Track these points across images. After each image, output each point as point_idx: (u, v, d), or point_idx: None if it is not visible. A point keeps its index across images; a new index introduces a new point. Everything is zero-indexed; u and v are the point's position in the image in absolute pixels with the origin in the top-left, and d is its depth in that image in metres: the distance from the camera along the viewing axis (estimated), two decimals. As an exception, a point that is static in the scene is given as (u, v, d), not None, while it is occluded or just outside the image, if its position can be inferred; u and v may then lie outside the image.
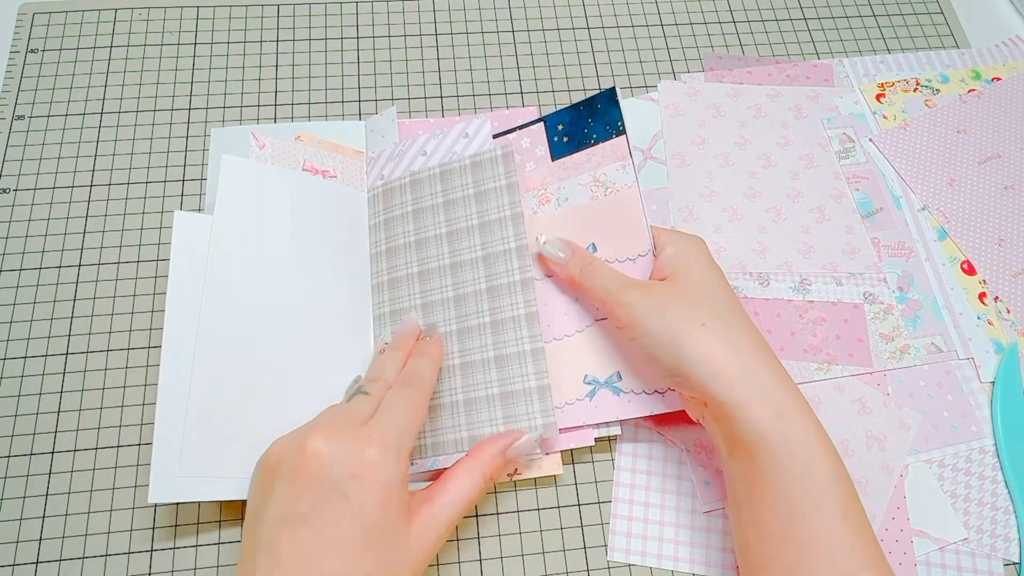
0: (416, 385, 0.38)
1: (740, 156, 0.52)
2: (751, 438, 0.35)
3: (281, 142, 0.49)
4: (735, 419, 0.35)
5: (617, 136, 0.45)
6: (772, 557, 0.34)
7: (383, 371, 0.39)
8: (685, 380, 0.37)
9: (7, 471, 0.42)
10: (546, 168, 0.47)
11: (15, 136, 0.50)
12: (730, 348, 0.36)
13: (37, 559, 0.40)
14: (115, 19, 0.55)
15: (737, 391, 0.35)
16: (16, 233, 0.48)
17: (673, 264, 0.40)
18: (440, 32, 0.57)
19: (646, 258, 0.42)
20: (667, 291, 0.39)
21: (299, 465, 0.33)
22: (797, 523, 0.34)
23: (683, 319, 0.37)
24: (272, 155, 0.48)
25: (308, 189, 0.47)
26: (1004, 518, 0.43)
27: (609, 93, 0.46)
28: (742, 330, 0.37)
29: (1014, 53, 0.58)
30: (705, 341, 0.36)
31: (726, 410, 0.35)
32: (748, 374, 0.36)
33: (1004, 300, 0.49)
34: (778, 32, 0.58)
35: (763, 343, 0.38)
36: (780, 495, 0.34)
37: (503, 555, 0.41)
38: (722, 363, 0.36)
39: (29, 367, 0.44)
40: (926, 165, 0.53)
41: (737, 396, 0.35)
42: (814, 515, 0.34)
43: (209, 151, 0.51)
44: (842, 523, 0.33)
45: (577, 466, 0.44)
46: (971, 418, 0.45)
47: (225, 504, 0.41)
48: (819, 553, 0.33)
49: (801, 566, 0.33)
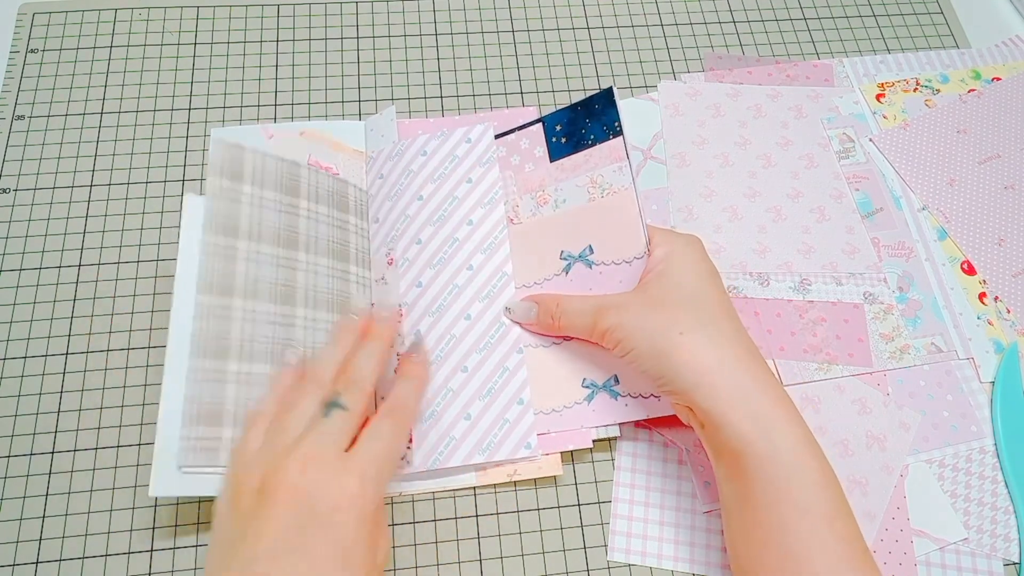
0: (401, 413, 0.37)
1: (740, 156, 0.52)
2: (735, 445, 0.35)
3: (288, 135, 0.49)
4: (719, 426, 0.35)
5: (614, 137, 0.45)
6: (761, 562, 0.34)
7: (360, 372, 0.37)
8: (671, 387, 0.37)
9: (7, 471, 0.42)
10: (544, 170, 0.47)
11: (15, 136, 0.50)
12: (713, 355, 0.36)
13: (37, 559, 0.40)
14: (115, 19, 0.55)
15: (720, 398, 0.35)
16: (16, 233, 0.48)
17: (660, 268, 0.40)
18: (440, 32, 0.57)
19: (642, 260, 0.42)
20: (644, 301, 0.39)
21: (275, 491, 0.32)
22: (784, 529, 0.34)
23: (664, 328, 0.37)
24: (277, 147, 0.48)
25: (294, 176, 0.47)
26: (1004, 518, 0.43)
27: (606, 93, 0.46)
28: (728, 336, 0.37)
29: (1014, 53, 0.58)
30: (687, 349, 0.36)
31: (710, 417, 0.35)
32: (730, 381, 0.35)
33: (1004, 300, 0.49)
34: (778, 32, 0.58)
35: (750, 348, 0.37)
36: (766, 501, 0.34)
37: (503, 555, 0.41)
38: (704, 371, 0.36)
39: (29, 367, 0.44)
40: (926, 165, 0.53)
41: (720, 403, 0.35)
42: (800, 521, 0.34)
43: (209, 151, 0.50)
44: (829, 529, 0.33)
45: (577, 466, 0.44)
46: (971, 418, 0.45)
47: (225, 504, 0.41)
48: (807, 559, 0.33)
49: (789, 571, 0.33)
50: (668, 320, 0.37)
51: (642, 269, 0.42)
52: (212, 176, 0.42)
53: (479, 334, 0.44)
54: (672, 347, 0.36)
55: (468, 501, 0.43)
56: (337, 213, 0.46)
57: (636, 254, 0.43)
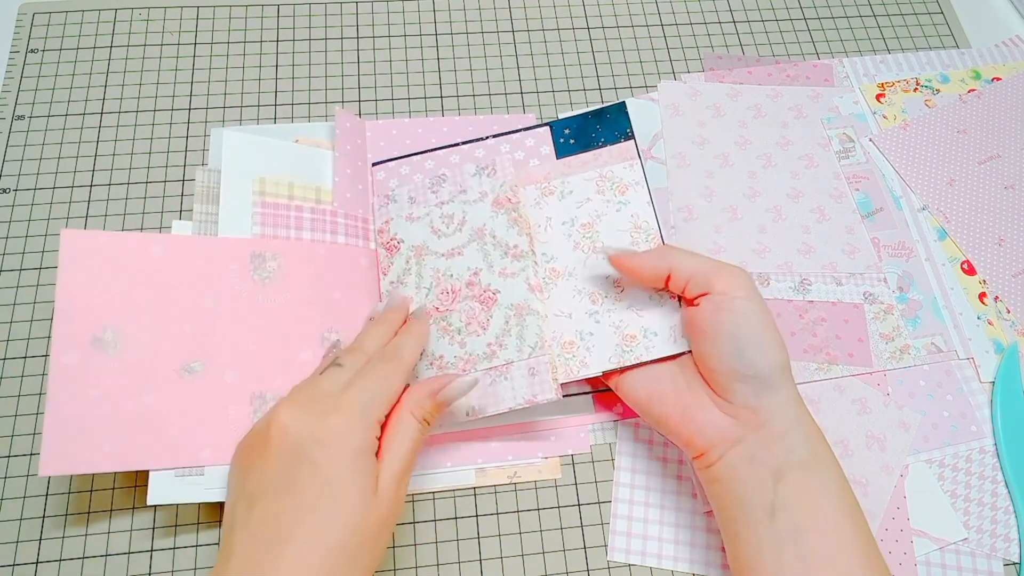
0: (393, 360, 0.38)
1: (740, 156, 0.52)
2: (803, 460, 0.35)
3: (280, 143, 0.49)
4: (780, 434, 0.35)
5: (625, 140, 0.45)
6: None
7: (363, 344, 0.39)
8: (761, 372, 0.36)
9: (7, 471, 0.42)
10: (550, 164, 0.47)
11: (15, 136, 0.50)
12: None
13: (37, 559, 0.40)
14: (115, 19, 0.55)
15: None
16: (16, 233, 0.48)
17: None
18: (440, 32, 0.57)
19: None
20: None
21: (268, 438, 0.34)
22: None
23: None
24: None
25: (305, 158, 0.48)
26: (1004, 518, 0.43)
27: (619, 106, 0.47)
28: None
29: (1014, 53, 0.58)
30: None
31: (779, 426, 0.36)
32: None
33: (1004, 300, 0.49)
34: (778, 32, 0.58)
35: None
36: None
37: (503, 555, 0.41)
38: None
39: (29, 367, 0.44)
40: (926, 165, 0.53)
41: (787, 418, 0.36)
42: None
43: (209, 151, 0.51)
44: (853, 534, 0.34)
45: (577, 466, 0.44)
46: (971, 418, 0.45)
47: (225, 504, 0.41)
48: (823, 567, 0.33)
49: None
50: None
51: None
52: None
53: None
54: (779, 346, 0.37)
55: (468, 501, 0.43)
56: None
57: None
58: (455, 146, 0.48)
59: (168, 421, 0.38)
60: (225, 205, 0.43)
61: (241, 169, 0.45)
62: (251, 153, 0.46)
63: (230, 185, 0.44)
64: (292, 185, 0.46)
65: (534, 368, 0.41)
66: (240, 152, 0.45)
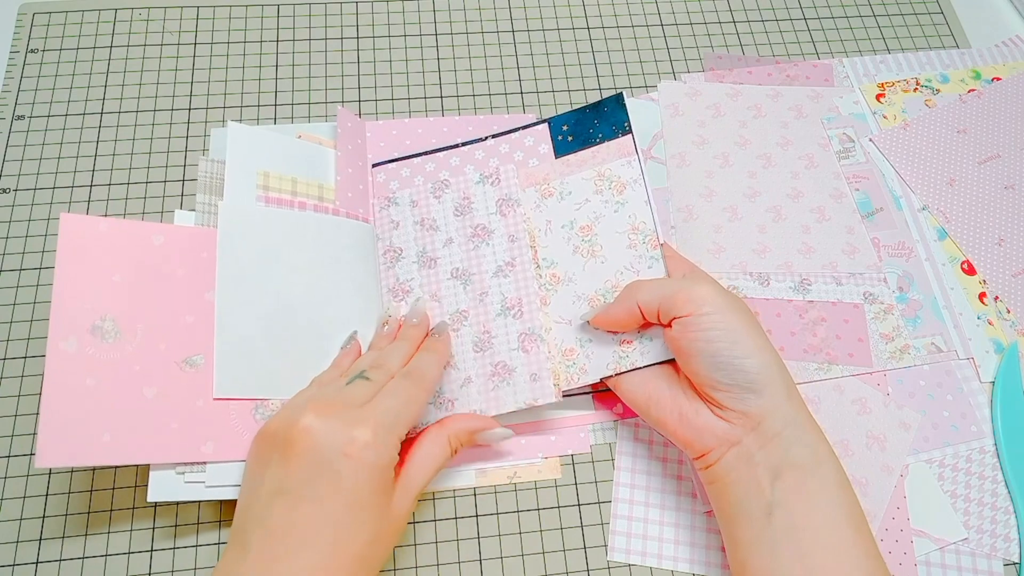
0: (418, 380, 0.38)
1: (740, 156, 0.52)
2: (800, 459, 0.35)
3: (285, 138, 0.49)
4: (776, 436, 0.35)
5: (623, 135, 0.45)
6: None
7: (388, 360, 0.39)
8: (740, 381, 0.36)
9: (7, 471, 0.42)
10: (549, 164, 0.47)
11: (15, 136, 0.50)
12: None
13: (37, 559, 0.40)
14: (115, 19, 0.55)
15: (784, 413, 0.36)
16: (16, 233, 0.48)
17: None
18: (440, 32, 0.57)
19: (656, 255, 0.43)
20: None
21: (291, 439, 0.34)
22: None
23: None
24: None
25: (310, 155, 0.48)
26: (1004, 518, 0.43)
27: (616, 98, 0.46)
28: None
29: (1014, 53, 0.58)
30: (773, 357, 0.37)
31: (774, 426, 0.36)
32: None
33: (1004, 300, 0.49)
34: (778, 32, 0.58)
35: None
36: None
37: (503, 555, 0.41)
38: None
39: (29, 367, 0.44)
40: (926, 165, 0.53)
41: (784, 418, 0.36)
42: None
43: (209, 151, 0.51)
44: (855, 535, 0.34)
45: (577, 466, 0.44)
46: (971, 418, 0.45)
47: (225, 504, 0.41)
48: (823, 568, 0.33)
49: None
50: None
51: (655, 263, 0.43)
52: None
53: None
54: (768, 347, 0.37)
55: (468, 501, 0.43)
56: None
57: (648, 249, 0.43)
58: (455, 147, 0.48)
59: (169, 415, 0.38)
60: (228, 197, 0.43)
61: (245, 162, 0.44)
62: (255, 146, 0.45)
63: (234, 177, 0.44)
64: (295, 181, 0.45)
65: (536, 374, 0.41)
66: (245, 144, 0.45)
